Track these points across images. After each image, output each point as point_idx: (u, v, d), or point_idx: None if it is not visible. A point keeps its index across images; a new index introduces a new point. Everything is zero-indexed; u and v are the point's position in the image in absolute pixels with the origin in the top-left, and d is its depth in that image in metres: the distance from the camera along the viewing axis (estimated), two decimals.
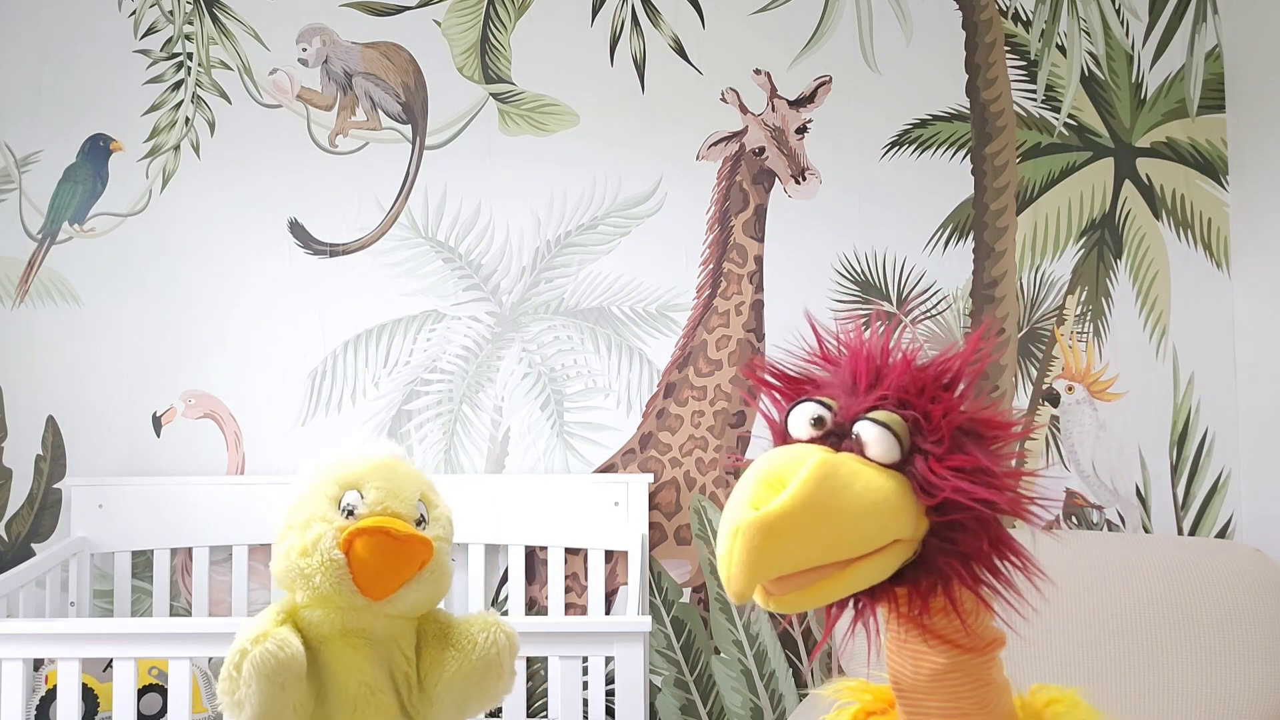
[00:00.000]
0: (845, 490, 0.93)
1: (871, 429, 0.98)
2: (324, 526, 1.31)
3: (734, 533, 0.89)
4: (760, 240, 2.43)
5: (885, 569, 0.98)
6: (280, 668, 1.24)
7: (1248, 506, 2.34)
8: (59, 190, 2.47)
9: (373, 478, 1.35)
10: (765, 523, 0.89)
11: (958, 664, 1.03)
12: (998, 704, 1.07)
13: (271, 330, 2.46)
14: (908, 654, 1.05)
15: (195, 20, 2.48)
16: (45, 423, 2.46)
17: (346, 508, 1.32)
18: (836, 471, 0.94)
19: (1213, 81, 2.39)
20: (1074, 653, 1.97)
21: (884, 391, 1.01)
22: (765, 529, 0.89)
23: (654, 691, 2.41)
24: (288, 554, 1.33)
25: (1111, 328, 2.40)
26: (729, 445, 2.42)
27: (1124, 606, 2.02)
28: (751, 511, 0.90)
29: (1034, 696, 1.15)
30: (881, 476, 0.96)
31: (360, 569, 1.29)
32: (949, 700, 1.04)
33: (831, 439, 1.01)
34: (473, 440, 2.45)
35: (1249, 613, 2.00)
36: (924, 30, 2.43)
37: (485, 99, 2.46)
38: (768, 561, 0.90)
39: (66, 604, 2.33)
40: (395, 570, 1.30)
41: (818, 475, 0.92)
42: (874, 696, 1.19)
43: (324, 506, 1.33)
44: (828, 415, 1.02)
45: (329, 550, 1.29)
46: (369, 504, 1.32)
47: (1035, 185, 2.42)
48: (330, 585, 1.29)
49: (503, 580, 2.40)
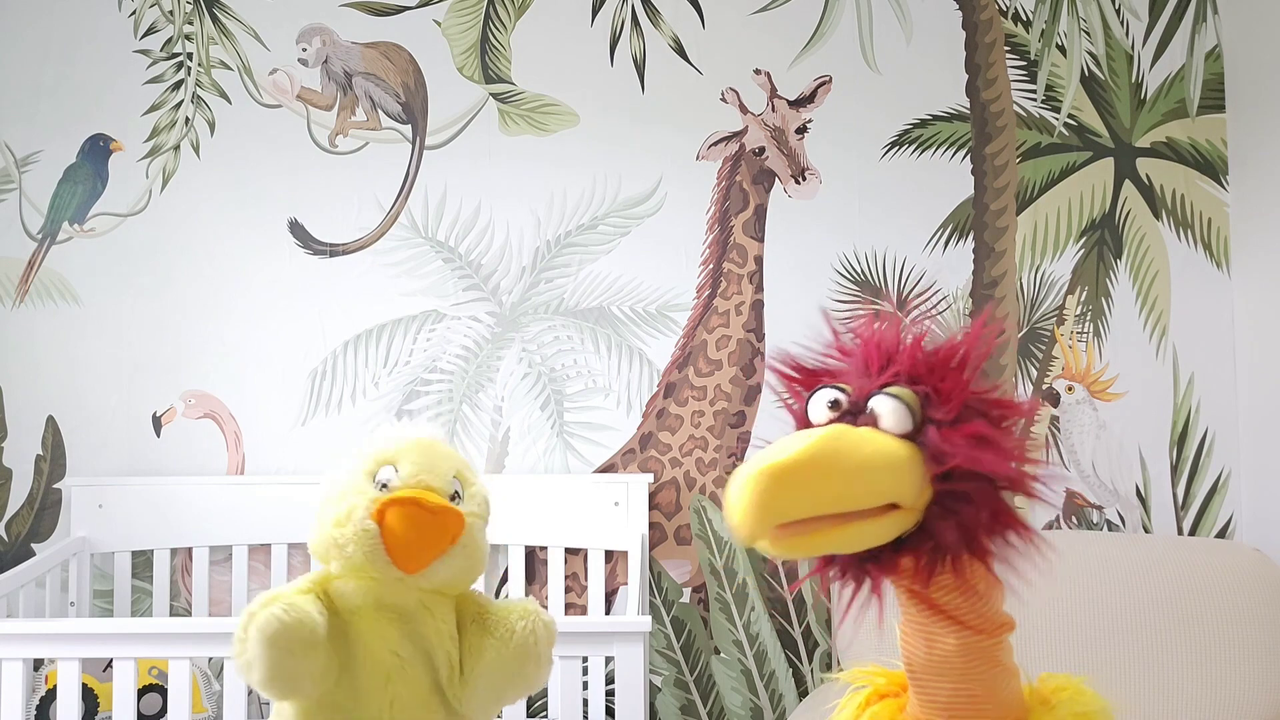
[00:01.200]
0: (855, 449, 0.98)
1: (885, 401, 1.03)
2: (358, 498, 1.32)
3: (746, 481, 0.95)
4: (760, 240, 2.43)
5: (886, 532, 1.02)
6: (285, 631, 1.23)
7: (1248, 506, 2.34)
8: (59, 190, 2.47)
9: (408, 454, 1.36)
10: (776, 470, 0.94)
11: (968, 645, 1.06)
12: (1007, 687, 1.10)
13: (271, 330, 2.46)
14: (921, 635, 1.08)
15: (195, 20, 2.48)
16: (45, 423, 2.46)
17: (381, 482, 1.34)
18: (847, 434, 1.00)
19: (1213, 81, 2.39)
20: (1074, 653, 1.97)
21: (896, 370, 1.05)
22: (775, 476, 0.94)
23: (654, 691, 2.41)
24: (322, 524, 1.34)
25: (1111, 328, 2.40)
26: (729, 445, 2.42)
27: (1124, 606, 2.02)
28: (763, 464, 0.96)
29: (1041, 684, 1.18)
30: (894, 443, 1.01)
31: (392, 539, 1.29)
32: (959, 681, 1.07)
33: (848, 418, 1.05)
34: (473, 440, 2.45)
35: (1249, 613, 2.01)
36: (924, 30, 2.43)
37: (485, 99, 2.46)
38: (776, 507, 0.95)
39: (66, 604, 2.33)
40: (427, 541, 1.31)
41: (829, 435, 0.98)
42: (887, 680, 1.22)
43: (359, 481, 1.35)
44: (843, 398, 1.06)
45: (361, 520, 1.30)
46: (403, 478, 1.33)
47: (1035, 185, 2.42)
48: (363, 555, 1.30)
49: (503, 580, 2.40)
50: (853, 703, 1.22)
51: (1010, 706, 1.11)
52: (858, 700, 1.22)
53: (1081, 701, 1.15)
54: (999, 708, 1.09)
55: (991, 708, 1.08)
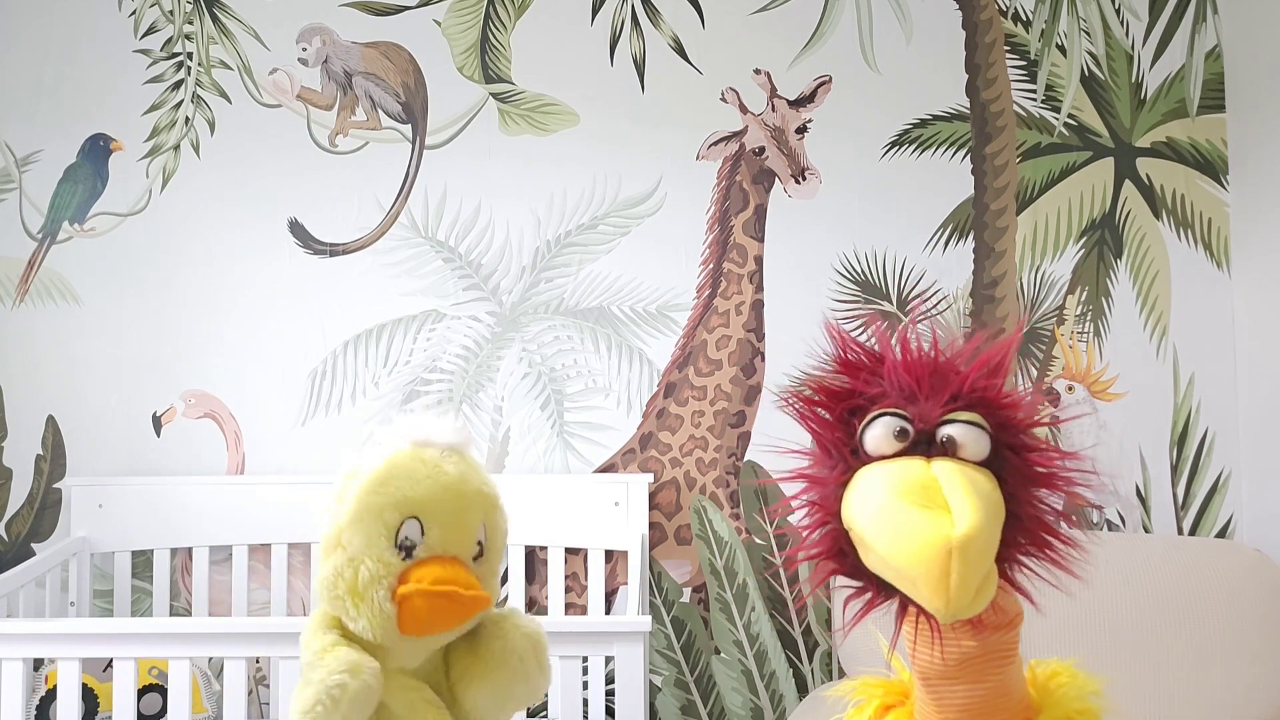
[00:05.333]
0: (992, 493, 0.98)
1: (965, 430, 1.02)
2: (378, 568, 1.20)
3: (949, 553, 0.92)
4: (760, 240, 2.43)
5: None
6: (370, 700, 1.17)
7: (1248, 506, 2.34)
8: (59, 190, 2.47)
9: (436, 508, 1.23)
10: (971, 537, 0.92)
11: (989, 643, 1.06)
12: (1016, 680, 1.10)
13: (271, 330, 2.46)
14: (935, 643, 1.07)
15: (195, 20, 2.48)
16: (45, 423, 2.46)
17: (405, 543, 1.21)
18: (973, 476, 0.99)
19: (1213, 81, 2.39)
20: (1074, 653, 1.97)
21: (953, 392, 1.04)
22: (973, 542, 0.93)
23: (654, 691, 2.41)
24: (335, 583, 1.22)
25: (1111, 328, 2.40)
26: (729, 445, 2.42)
27: (1124, 606, 2.02)
28: (950, 530, 0.93)
29: (1035, 671, 1.18)
30: (981, 475, 1.01)
31: (411, 620, 1.20)
32: (975, 682, 1.07)
33: (920, 448, 1.03)
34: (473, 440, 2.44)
35: (1249, 613, 2.01)
36: (924, 30, 2.43)
37: (485, 99, 2.46)
38: (979, 573, 0.94)
39: (66, 604, 2.33)
40: (448, 624, 1.23)
41: (967, 479, 0.97)
42: (886, 691, 1.21)
43: (379, 539, 1.21)
44: (910, 426, 1.04)
45: (382, 600, 1.20)
46: (429, 545, 1.22)
47: (1035, 185, 2.42)
48: (377, 634, 1.21)
49: (503, 580, 2.40)
50: (860, 715, 1.21)
51: (1020, 701, 1.11)
52: (866, 713, 1.21)
53: (1077, 686, 1.15)
54: (1011, 704, 1.09)
55: (1005, 704, 1.08)
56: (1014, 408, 1.05)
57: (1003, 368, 1.07)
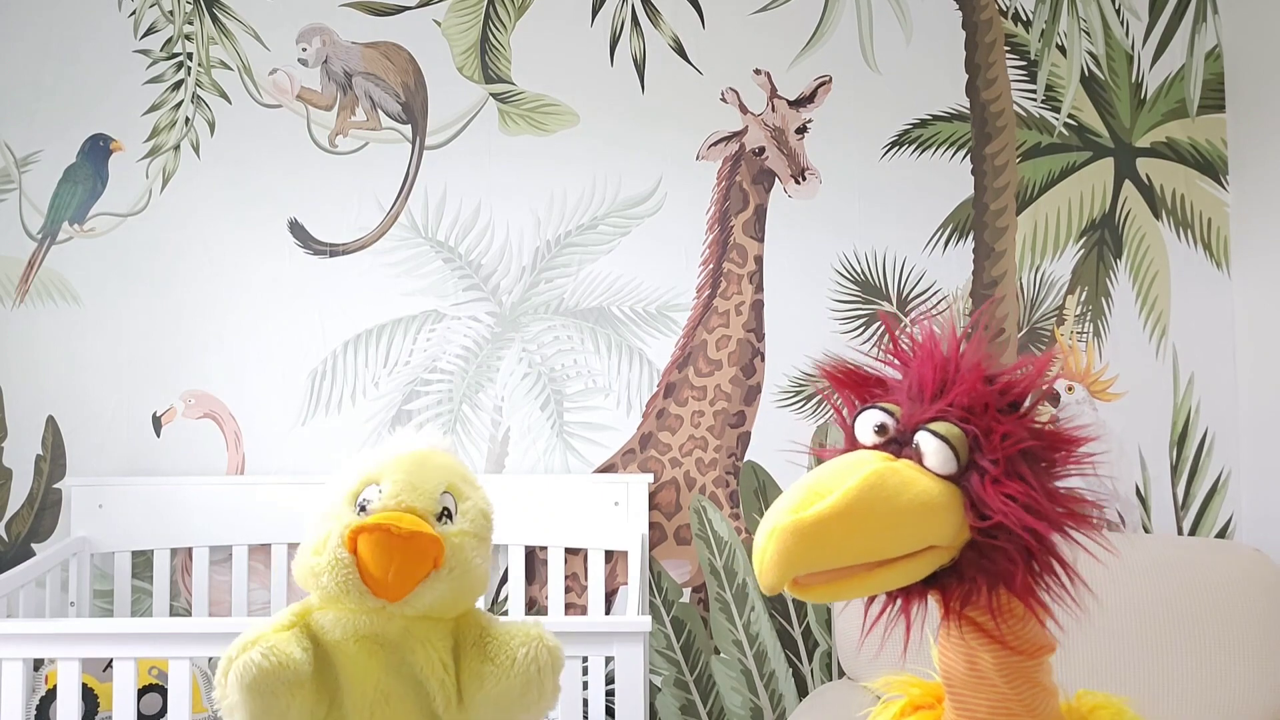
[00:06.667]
0: (890, 500, 0.96)
1: (931, 441, 1.01)
2: (335, 524, 1.25)
3: (769, 534, 0.94)
4: (760, 240, 2.43)
5: (917, 573, 1.01)
6: (264, 677, 1.19)
7: (1248, 506, 2.34)
8: (59, 190, 2.47)
9: (392, 471, 1.28)
10: (799, 527, 0.93)
11: (1006, 664, 1.06)
12: (1045, 707, 1.09)
13: (271, 330, 2.46)
14: (960, 651, 1.07)
15: (195, 20, 2.48)
16: (45, 423, 2.46)
17: (362, 503, 1.26)
18: (885, 483, 0.97)
19: (1213, 81, 2.39)
20: (1073, 653, 1.97)
21: (948, 402, 1.02)
22: (798, 533, 0.93)
23: (654, 691, 2.41)
24: (303, 550, 1.29)
25: (1111, 328, 2.40)
26: (729, 445, 2.42)
27: (1124, 606, 2.02)
28: (789, 516, 0.94)
29: (1079, 702, 1.17)
30: (936, 486, 0.99)
31: (364, 568, 1.22)
32: (997, 700, 1.07)
33: (894, 446, 1.04)
34: (473, 440, 2.45)
35: (1249, 613, 2.00)
36: (924, 30, 2.43)
37: (485, 99, 2.46)
38: (797, 562, 0.94)
39: (66, 604, 2.33)
40: (403, 569, 1.22)
41: (862, 486, 0.96)
42: (922, 691, 1.20)
43: (340, 504, 1.28)
44: (891, 423, 1.04)
45: (335, 549, 1.23)
46: (383, 499, 1.26)
47: (1035, 185, 2.42)
48: (337, 585, 1.24)
49: (503, 580, 2.40)
50: (887, 712, 1.21)
51: None
52: (892, 710, 1.21)
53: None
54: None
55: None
56: (1008, 432, 1.01)
57: (1022, 400, 1.05)
